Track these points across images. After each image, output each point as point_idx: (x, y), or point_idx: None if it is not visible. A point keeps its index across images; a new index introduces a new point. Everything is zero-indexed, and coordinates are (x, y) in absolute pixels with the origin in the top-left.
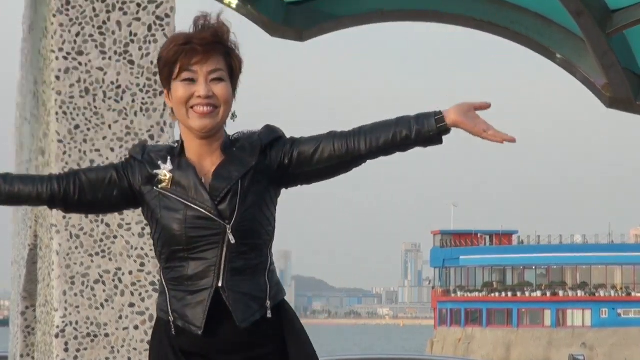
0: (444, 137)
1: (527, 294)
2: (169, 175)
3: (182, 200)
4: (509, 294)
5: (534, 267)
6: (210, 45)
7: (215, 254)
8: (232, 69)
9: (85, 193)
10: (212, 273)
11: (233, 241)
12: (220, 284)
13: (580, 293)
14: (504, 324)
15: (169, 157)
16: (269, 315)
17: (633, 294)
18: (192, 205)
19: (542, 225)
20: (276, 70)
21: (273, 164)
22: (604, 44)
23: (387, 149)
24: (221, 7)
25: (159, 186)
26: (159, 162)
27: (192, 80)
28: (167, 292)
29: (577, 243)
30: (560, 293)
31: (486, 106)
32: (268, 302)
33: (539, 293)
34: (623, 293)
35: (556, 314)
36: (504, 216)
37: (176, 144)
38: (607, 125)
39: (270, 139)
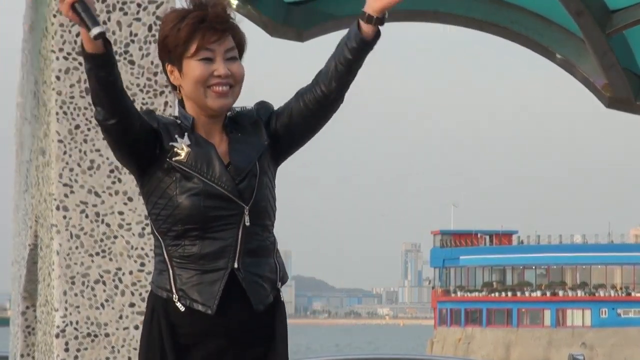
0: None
1: (527, 293)
2: (186, 150)
3: (202, 178)
4: (509, 293)
5: (533, 267)
6: (226, 23)
7: (232, 234)
8: (240, 46)
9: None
10: (228, 254)
11: (248, 223)
12: (236, 265)
13: (580, 293)
14: (503, 324)
15: (185, 133)
16: (282, 297)
17: (633, 293)
18: (213, 184)
19: (542, 225)
20: (276, 70)
21: (272, 139)
22: (603, 44)
23: (348, 68)
24: None
25: (174, 159)
26: (175, 135)
27: (209, 59)
28: (170, 269)
29: (576, 243)
30: (560, 293)
31: None
32: (279, 284)
33: (538, 293)
34: (623, 293)
35: (556, 313)
36: (504, 216)
37: (180, 120)
38: (606, 125)
39: (268, 114)
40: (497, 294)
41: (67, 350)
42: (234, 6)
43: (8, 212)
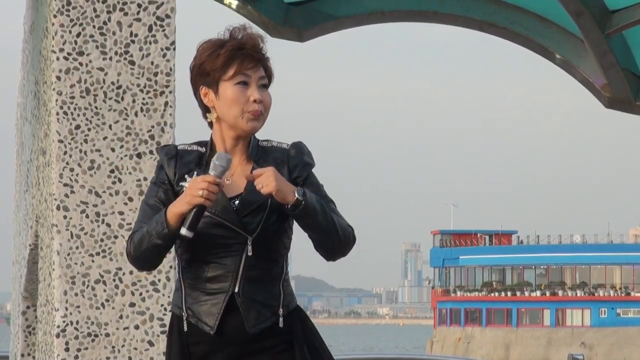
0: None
1: (526, 293)
2: None
3: (207, 214)
4: (509, 293)
5: (533, 267)
6: (261, 53)
7: (235, 261)
8: (270, 77)
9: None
10: (229, 279)
11: (250, 253)
12: (236, 290)
13: (579, 293)
14: (503, 324)
15: (194, 172)
16: (281, 324)
17: (632, 293)
18: (217, 219)
19: (541, 225)
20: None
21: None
22: (603, 45)
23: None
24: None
25: None
26: (186, 176)
27: (245, 84)
28: (183, 289)
29: (576, 243)
30: (560, 293)
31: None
32: (281, 310)
33: (538, 293)
34: (622, 293)
35: (555, 313)
36: (503, 216)
37: (204, 149)
38: (606, 125)
39: (300, 171)
40: (496, 293)
41: (67, 350)
42: (234, 7)
43: (9, 212)
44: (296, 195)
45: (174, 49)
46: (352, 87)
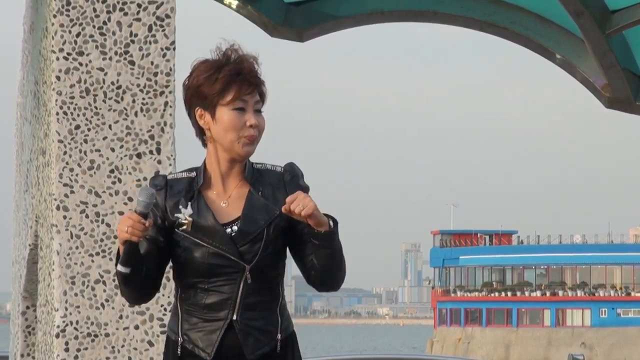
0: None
1: (526, 293)
2: (189, 220)
3: (204, 244)
4: (509, 293)
5: (533, 267)
6: (257, 77)
7: (233, 289)
8: (263, 99)
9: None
10: (228, 306)
11: (250, 281)
12: (234, 317)
13: (579, 293)
14: (503, 324)
15: (189, 203)
16: (279, 349)
17: (632, 293)
18: (215, 249)
19: (541, 225)
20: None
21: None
22: (603, 45)
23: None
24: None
25: (181, 229)
26: (180, 206)
27: (242, 109)
28: (179, 314)
29: (576, 243)
30: (560, 293)
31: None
32: (279, 336)
33: (538, 293)
34: (622, 293)
35: (556, 313)
36: (504, 216)
37: (194, 173)
38: (606, 125)
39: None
40: (496, 293)
41: (67, 350)
42: (234, 7)
43: (8, 212)
44: (326, 219)
45: (174, 49)
46: (352, 87)
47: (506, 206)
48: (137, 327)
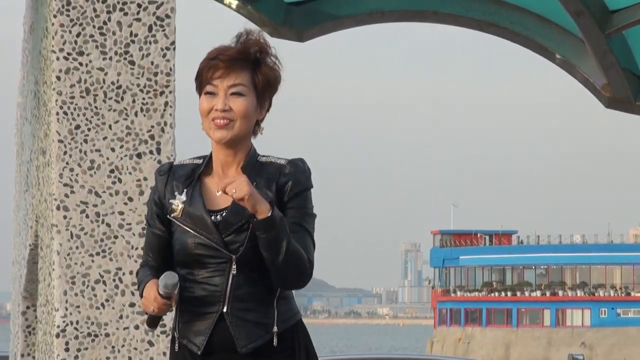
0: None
1: (526, 293)
2: (180, 206)
3: (190, 231)
4: (509, 293)
5: (533, 267)
6: (233, 60)
7: (222, 280)
8: (256, 84)
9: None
10: (218, 298)
11: (234, 272)
12: (225, 310)
13: (579, 293)
14: (503, 324)
15: (184, 190)
16: (275, 342)
17: (632, 293)
18: (199, 236)
19: (541, 225)
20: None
21: (283, 208)
22: (603, 45)
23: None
24: (257, 28)
25: (172, 215)
26: (176, 193)
27: (213, 94)
28: (176, 310)
29: (576, 243)
30: (560, 293)
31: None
32: (275, 329)
33: (538, 293)
34: (622, 293)
35: (555, 313)
36: (504, 216)
37: (200, 160)
38: (606, 125)
39: (290, 189)
40: (496, 293)
41: (67, 350)
42: (234, 7)
43: (9, 212)
44: (268, 206)
45: (174, 49)
46: (352, 87)
47: (506, 206)
48: (137, 327)
